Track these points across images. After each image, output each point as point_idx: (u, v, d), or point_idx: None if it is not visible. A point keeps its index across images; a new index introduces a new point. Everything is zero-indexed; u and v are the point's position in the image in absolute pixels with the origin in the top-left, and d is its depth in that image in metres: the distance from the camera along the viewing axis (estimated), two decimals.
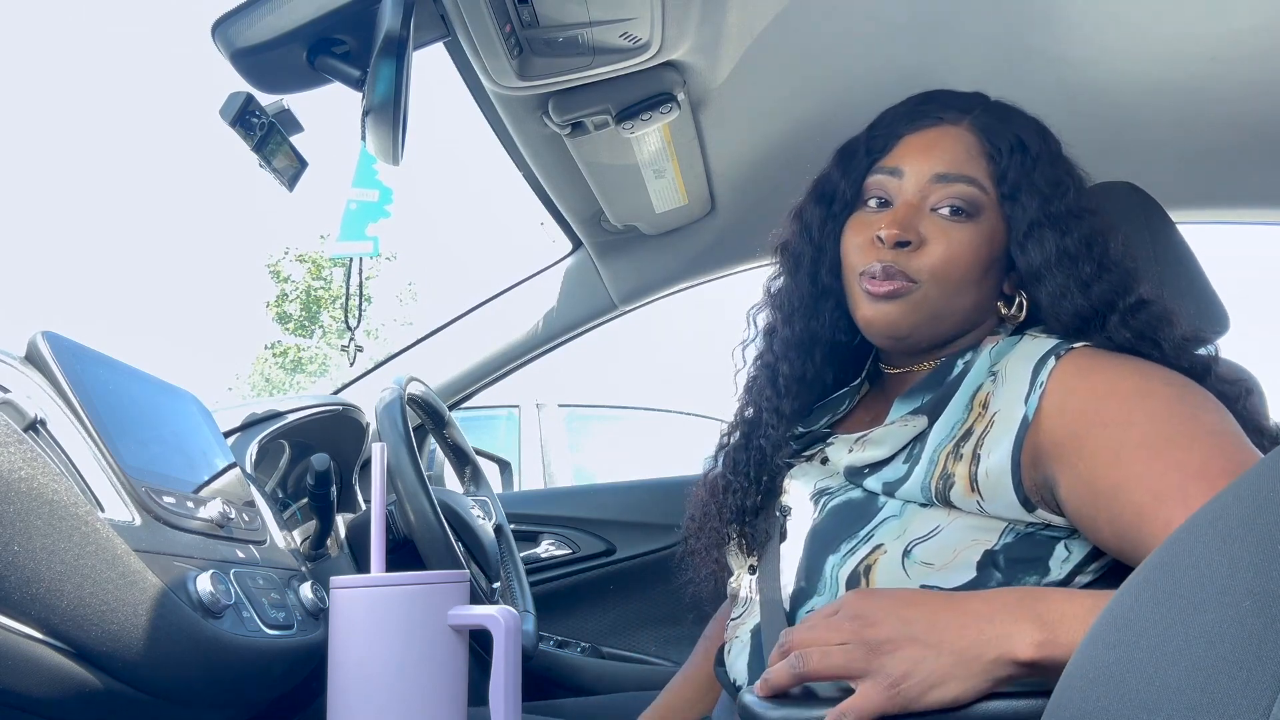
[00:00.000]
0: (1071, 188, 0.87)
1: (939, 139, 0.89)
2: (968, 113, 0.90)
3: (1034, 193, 0.85)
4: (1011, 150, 0.87)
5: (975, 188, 0.86)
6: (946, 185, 0.86)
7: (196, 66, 31.37)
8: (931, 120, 0.90)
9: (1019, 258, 0.86)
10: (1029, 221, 0.85)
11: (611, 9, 1.02)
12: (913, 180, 0.88)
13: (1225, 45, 1.17)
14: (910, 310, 0.86)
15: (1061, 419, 0.75)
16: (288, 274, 17.36)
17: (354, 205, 1.22)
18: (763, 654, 0.85)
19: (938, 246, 0.85)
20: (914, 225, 0.85)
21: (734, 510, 0.95)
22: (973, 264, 0.86)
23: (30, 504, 0.66)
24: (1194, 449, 0.70)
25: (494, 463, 2.27)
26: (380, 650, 0.72)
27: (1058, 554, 0.77)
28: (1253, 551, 0.36)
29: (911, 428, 0.84)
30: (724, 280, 1.78)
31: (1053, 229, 0.84)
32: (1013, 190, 0.86)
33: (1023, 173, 0.86)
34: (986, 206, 0.86)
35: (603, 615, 1.78)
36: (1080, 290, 0.82)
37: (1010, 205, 0.86)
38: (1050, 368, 0.78)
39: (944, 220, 0.86)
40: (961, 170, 0.86)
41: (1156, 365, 0.78)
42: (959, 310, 0.87)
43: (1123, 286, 0.82)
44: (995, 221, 0.87)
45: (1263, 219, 1.61)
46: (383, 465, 0.81)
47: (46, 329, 0.87)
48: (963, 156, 0.87)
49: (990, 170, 0.87)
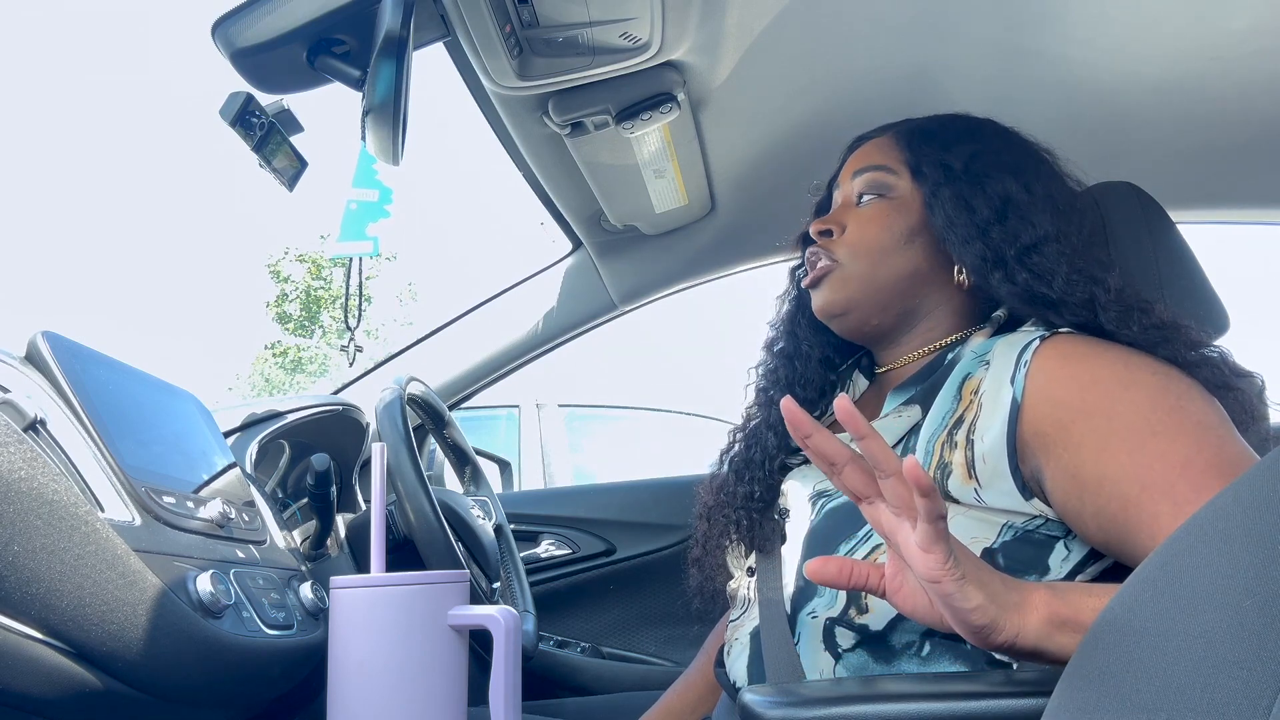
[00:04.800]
0: (985, 154, 0.93)
1: (864, 149, 1.00)
2: (892, 128, 1.00)
3: (936, 164, 0.93)
4: (915, 135, 0.97)
5: (884, 172, 0.96)
6: (862, 177, 0.97)
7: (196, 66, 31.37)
8: (862, 140, 1.02)
9: (930, 218, 0.92)
10: (934, 182, 0.92)
11: (611, 9, 1.02)
12: (843, 186, 1.00)
13: (1225, 45, 1.17)
14: (838, 286, 0.94)
15: (1047, 409, 0.75)
16: (288, 274, 17.37)
17: (354, 205, 1.22)
18: (762, 655, 0.85)
19: (855, 226, 0.95)
20: (837, 218, 0.96)
21: (735, 514, 0.95)
22: (886, 233, 0.93)
23: (30, 504, 0.66)
24: (1179, 441, 0.70)
25: (494, 463, 2.27)
26: (380, 650, 0.72)
27: (1057, 553, 0.77)
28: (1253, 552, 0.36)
29: (906, 419, 0.85)
30: (724, 280, 1.78)
31: (962, 184, 0.90)
32: (919, 163, 0.94)
33: (926, 150, 0.94)
34: (897, 185, 0.95)
35: (603, 615, 1.78)
36: (978, 234, 0.88)
37: (920, 178, 0.94)
38: (1034, 348, 0.79)
39: (863, 207, 0.96)
40: (873, 161, 0.97)
41: (1140, 353, 0.78)
42: (892, 278, 0.93)
43: (1016, 231, 0.87)
44: (909, 195, 0.94)
45: (1263, 219, 1.61)
46: (383, 465, 0.81)
47: (46, 329, 0.87)
48: (877, 154, 0.98)
49: (905, 158, 0.96)
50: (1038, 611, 0.62)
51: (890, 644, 0.77)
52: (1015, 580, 0.64)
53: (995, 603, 0.61)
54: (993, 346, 0.84)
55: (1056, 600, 0.62)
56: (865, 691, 0.67)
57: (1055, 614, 0.61)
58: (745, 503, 0.94)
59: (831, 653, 0.80)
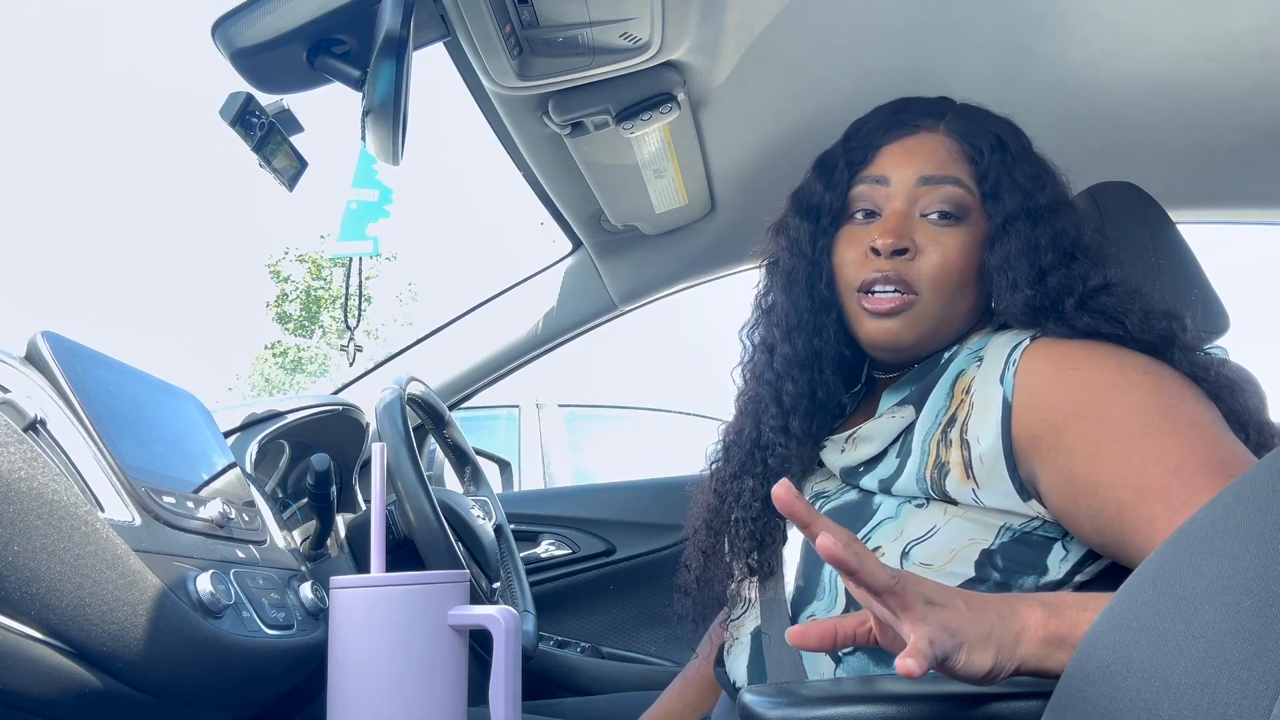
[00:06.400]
0: (1048, 182, 0.87)
1: (920, 145, 0.88)
2: (941, 118, 0.90)
3: (1015, 189, 0.85)
4: (991, 149, 0.87)
5: (961, 189, 0.86)
6: (933, 188, 0.86)
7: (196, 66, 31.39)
8: (909, 129, 0.90)
9: (987, 254, 0.85)
10: (1006, 216, 0.85)
11: (611, 9, 1.02)
12: (899, 187, 0.87)
13: (1225, 45, 1.17)
14: (913, 323, 0.85)
15: (1039, 411, 0.75)
16: (288, 274, 17.36)
17: (354, 205, 1.22)
18: (763, 655, 0.85)
19: (933, 254, 0.85)
20: (907, 233, 0.85)
21: (735, 516, 0.95)
22: (967, 268, 0.85)
23: (30, 504, 0.66)
24: (1172, 442, 0.69)
25: (494, 463, 2.27)
26: (380, 650, 0.72)
27: (1055, 554, 0.77)
28: (1253, 552, 0.36)
29: (900, 419, 0.84)
30: (724, 280, 1.78)
31: (1028, 223, 0.84)
32: (994, 189, 0.86)
33: (1004, 170, 0.86)
34: (973, 208, 0.86)
35: (603, 615, 1.78)
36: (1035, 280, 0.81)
37: (992, 204, 0.86)
38: (1023, 348, 0.78)
39: (934, 226, 0.86)
40: (946, 172, 0.86)
41: (1132, 353, 0.77)
42: (958, 316, 0.87)
43: (1084, 274, 0.81)
44: (981, 222, 0.87)
45: (1263, 219, 1.61)
46: (383, 465, 0.81)
47: (46, 329, 0.87)
48: (945, 159, 0.87)
49: (972, 171, 0.87)
50: (1035, 635, 0.61)
51: None
52: (1009, 605, 0.62)
53: (1001, 652, 0.60)
54: (987, 344, 0.83)
55: (1053, 619, 0.61)
56: (865, 691, 0.67)
57: (1053, 633, 0.61)
58: (748, 501, 0.94)
59: (832, 655, 0.80)
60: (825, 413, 0.93)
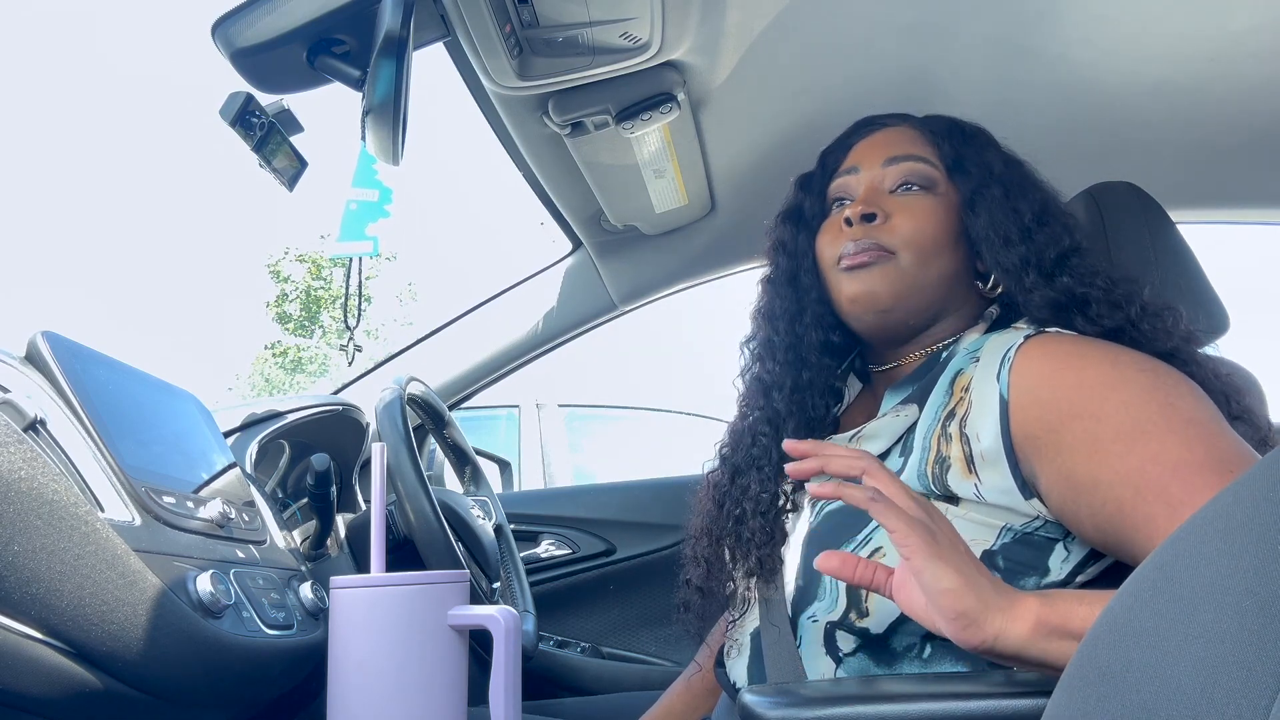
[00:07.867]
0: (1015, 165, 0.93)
1: (886, 135, 0.97)
2: (906, 119, 0.99)
3: (980, 165, 0.92)
4: (949, 133, 0.95)
5: (925, 164, 0.93)
6: (898, 165, 0.93)
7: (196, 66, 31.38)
8: (877, 126, 0.98)
9: (969, 219, 0.90)
10: (978, 183, 0.91)
11: (611, 9, 1.02)
12: (868, 170, 0.95)
13: (1225, 45, 1.17)
14: (889, 281, 0.89)
15: (1036, 411, 0.75)
16: (288, 274, 17.36)
17: (354, 205, 1.22)
18: (762, 656, 0.85)
19: (904, 217, 0.90)
20: (877, 203, 0.91)
21: (735, 516, 0.95)
22: (940, 231, 0.90)
23: (30, 504, 0.66)
24: (1170, 440, 0.69)
25: (494, 463, 2.27)
26: (380, 650, 0.72)
27: (1057, 554, 0.77)
28: (1253, 551, 0.36)
29: (904, 418, 0.85)
30: (724, 280, 1.78)
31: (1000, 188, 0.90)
32: (958, 162, 0.92)
33: (966, 149, 0.93)
34: (939, 181, 0.93)
35: (603, 615, 1.78)
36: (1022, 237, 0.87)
37: (960, 176, 0.92)
38: (1018, 346, 0.79)
39: (903, 196, 0.92)
40: (910, 151, 0.94)
41: (1127, 350, 0.77)
42: (935, 280, 0.90)
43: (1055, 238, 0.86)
44: (950, 195, 0.92)
45: (1263, 219, 1.61)
46: (383, 465, 0.81)
47: (46, 329, 0.87)
48: (909, 142, 0.95)
49: (935, 152, 0.94)
50: (1024, 618, 0.61)
51: (891, 647, 0.77)
52: (1008, 586, 0.64)
53: (975, 595, 0.62)
54: (984, 343, 0.84)
55: (1046, 609, 0.62)
56: (865, 692, 0.67)
57: (1044, 622, 0.61)
58: (744, 507, 0.94)
59: (833, 656, 0.79)
60: (819, 396, 0.95)
